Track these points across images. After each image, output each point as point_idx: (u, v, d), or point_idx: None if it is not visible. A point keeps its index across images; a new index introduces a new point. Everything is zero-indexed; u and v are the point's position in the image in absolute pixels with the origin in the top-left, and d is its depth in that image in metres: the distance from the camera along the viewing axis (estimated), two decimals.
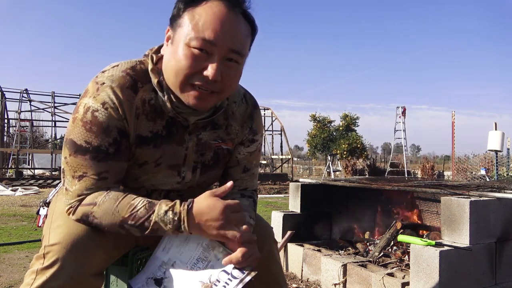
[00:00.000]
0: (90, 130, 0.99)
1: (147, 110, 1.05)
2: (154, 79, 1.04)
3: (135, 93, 1.03)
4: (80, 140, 0.99)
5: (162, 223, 0.96)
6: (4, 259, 3.14)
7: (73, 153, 1.00)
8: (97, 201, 0.99)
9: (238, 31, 0.98)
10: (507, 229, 2.30)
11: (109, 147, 1.00)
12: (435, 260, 1.96)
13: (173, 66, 0.98)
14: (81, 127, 0.99)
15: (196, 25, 0.95)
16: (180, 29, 0.97)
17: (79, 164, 1.00)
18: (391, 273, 2.27)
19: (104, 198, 0.99)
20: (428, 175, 13.23)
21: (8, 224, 4.70)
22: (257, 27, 1.05)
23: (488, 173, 9.42)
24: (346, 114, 26.83)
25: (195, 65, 0.96)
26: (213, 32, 0.94)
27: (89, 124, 0.99)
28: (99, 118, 0.99)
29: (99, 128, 0.99)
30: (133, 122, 1.03)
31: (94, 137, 0.99)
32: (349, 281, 2.41)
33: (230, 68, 0.99)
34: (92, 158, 0.99)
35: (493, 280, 2.24)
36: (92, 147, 0.99)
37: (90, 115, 0.99)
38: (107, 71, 1.05)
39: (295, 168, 21.55)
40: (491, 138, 7.30)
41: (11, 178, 11.55)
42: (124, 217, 0.97)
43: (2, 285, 2.53)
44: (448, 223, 2.16)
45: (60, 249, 0.93)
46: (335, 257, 2.61)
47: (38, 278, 0.92)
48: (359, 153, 23.80)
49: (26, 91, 15.43)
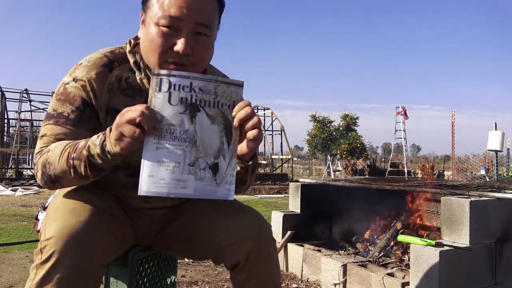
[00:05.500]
0: (59, 100, 1.10)
1: (123, 87, 1.13)
2: (131, 59, 1.14)
3: (110, 70, 1.12)
4: (50, 109, 1.10)
5: (93, 145, 0.97)
6: (4, 259, 3.13)
7: (43, 122, 1.10)
8: (50, 148, 1.04)
9: (203, 6, 1.04)
10: (507, 229, 2.30)
11: (70, 113, 1.08)
12: (435, 260, 1.96)
13: (147, 47, 1.06)
14: (53, 100, 1.11)
15: (162, 4, 1.02)
16: (149, 10, 1.05)
17: (44, 128, 1.09)
18: (391, 273, 2.27)
19: (57, 143, 1.05)
20: (428, 175, 13.22)
21: (8, 224, 4.70)
22: (224, 1, 1.11)
23: (488, 173, 9.41)
24: (346, 114, 26.87)
25: (165, 42, 1.03)
26: (178, 9, 1.01)
27: (59, 95, 1.10)
28: (68, 89, 1.09)
29: (66, 97, 1.09)
30: (104, 95, 1.10)
31: (60, 105, 1.09)
32: (349, 281, 2.41)
33: (199, 41, 1.05)
34: (54, 122, 1.08)
35: (493, 280, 2.25)
36: (56, 113, 1.08)
37: (62, 88, 1.10)
38: (88, 55, 1.16)
39: (295, 168, 21.55)
40: (491, 138, 7.30)
41: (11, 178, 11.53)
42: (69, 152, 1.00)
43: (2, 285, 2.53)
44: (448, 223, 2.16)
45: (56, 242, 0.94)
46: (335, 257, 2.61)
47: (38, 273, 0.94)
48: (359, 153, 23.82)
49: (26, 91, 15.42)
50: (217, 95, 0.95)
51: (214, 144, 0.95)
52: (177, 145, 0.92)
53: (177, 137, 0.92)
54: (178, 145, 0.92)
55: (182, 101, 0.92)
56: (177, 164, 0.92)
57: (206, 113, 0.95)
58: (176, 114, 0.92)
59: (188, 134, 0.93)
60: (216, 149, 0.96)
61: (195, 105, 0.94)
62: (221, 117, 0.96)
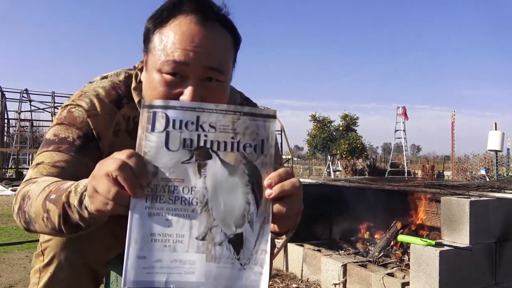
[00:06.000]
0: (61, 124, 0.95)
1: (131, 128, 1.00)
2: (136, 98, 1.00)
3: (118, 108, 1.00)
4: (49, 135, 0.95)
5: (74, 191, 0.73)
6: (4, 259, 3.14)
7: (39, 150, 0.94)
8: (40, 179, 0.84)
9: (214, 46, 0.86)
10: (507, 229, 2.30)
11: (76, 139, 0.93)
12: (435, 260, 1.96)
13: (149, 96, 0.89)
14: (54, 125, 0.96)
15: (165, 48, 0.84)
16: (151, 54, 0.88)
17: (40, 156, 0.92)
18: (391, 273, 2.27)
19: (46, 178, 0.85)
20: (428, 175, 13.23)
21: (8, 224, 4.71)
22: (239, 36, 0.93)
23: (488, 173, 9.42)
24: (346, 114, 26.88)
25: (169, 92, 0.86)
26: (183, 52, 0.83)
27: (62, 119, 0.96)
28: (74, 113, 0.96)
29: (71, 121, 0.95)
30: (108, 137, 0.97)
31: (64, 130, 0.94)
32: (349, 281, 2.41)
33: (210, 89, 0.87)
34: (55, 148, 0.92)
35: (493, 280, 2.25)
36: (58, 139, 0.93)
37: (66, 112, 0.97)
38: (94, 82, 1.03)
39: (295, 168, 21.55)
40: (491, 138, 7.32)
41: (11, 178, 11.53)
42: (51, 190, 0.77)
43: (2, 285, 2.53)
44: (448, 223, 2.17)
45: (57, 243, 0.93)
46: (335, 257, 2.61)
47: (43, 276, 0.93)
48: (359, 153, 23.83)
49: (26, 91, 15.42)
50: (236, 133, 0.67)
51: (235, 206, 0.67)
52: (180, 209, 0.65)
53: (180, 197, 0.65)
54: (181, 210, 0.65)
55: (185, 145, 0.66)
56: (180, 238, 0.65)
57: (221, 161, 0.67)
58: (177, 164, 0.66)
59: (195, 193, 0.66)
60: (239, 213, 0.67)
61: (205, 149, 0.67)
62: (244, 165, 0.67)
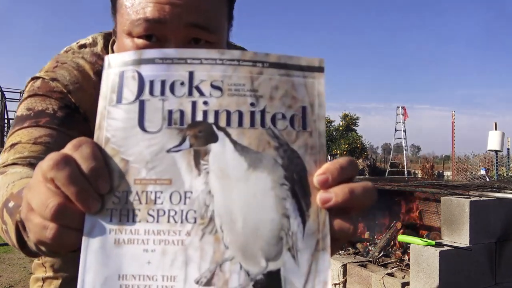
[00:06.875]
0: (35, 95, 0.73)
1: None
2: None
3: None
4: (22, 111, 0.72)
5: None
6: (4, 259, 3.14)
7: (11, 130, 0.71)
8: (9, 170, 0.61)
9: None
10: (507, 229, 2.30)
11: (57, 110, 0.71)
12: (435, 260, 1.96)
13: None
14: (25, 98, 0.74)
15: (134, 4, 0.63)
16: (119, 14, 0.67)
17: (15, 135, 0.69)
18: (391, 273, 2.27)
19: (19, 169, 0.61)
20: (428, 175, 13.23)
21: None
22: None
23: (488, 173, 9.42)
24: (346, 114, 26.88)
25: None
26: (156, 7, 0.61)
27: (36, 89, 0.74)
28: (50, 83, 0.74)
29: (47, 90, 0.73)
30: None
31: (40, 101, 0.72)
32: (349, 281, 2.41)
33: None
34: (32, 123, 0.69)
35: (493, 280, 2.25)
36: (33, 112, 0.71)
37: (39, 82, 0.75)
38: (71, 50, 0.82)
39: None
40: (491, 138, 7.32)
41: None
42: (13, 193, 0.51)
43: (2, 285, 2.53)
44: (448, 223, 2.17)
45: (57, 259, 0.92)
46: (335, 257, 2.61)
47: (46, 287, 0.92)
48: (359, 153, 23.83)
49: None
50: (259, 97, 0.38)
51: (262, 222, 0.36)
52: (167, 231, 0.35)
53: (165, 211, 0.36)
54: (169, 233, 0.35)
55: (172, 121, 0.37)
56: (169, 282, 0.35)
57: (234, 144, 0.37)
58: (160, 154, 0.37)
59: (191, 203, 0.36)
60: (271, 234, 0.36)
61: (206, 126, 0.37)
62: (275, 149, 0.37)
